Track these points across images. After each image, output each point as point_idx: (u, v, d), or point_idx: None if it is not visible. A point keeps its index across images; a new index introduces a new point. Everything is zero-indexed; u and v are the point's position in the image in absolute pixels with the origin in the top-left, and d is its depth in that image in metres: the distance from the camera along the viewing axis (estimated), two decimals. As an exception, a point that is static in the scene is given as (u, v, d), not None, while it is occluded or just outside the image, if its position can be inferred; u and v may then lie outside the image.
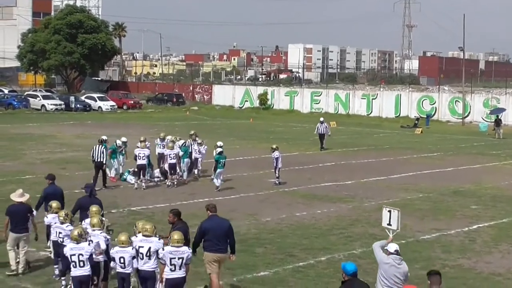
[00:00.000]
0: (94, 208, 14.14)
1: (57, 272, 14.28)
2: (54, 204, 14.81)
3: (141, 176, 24.99)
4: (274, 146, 26.66)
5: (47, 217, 14.69)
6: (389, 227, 12.72)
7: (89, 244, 12.28)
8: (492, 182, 28.37)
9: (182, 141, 27.54)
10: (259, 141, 41.34)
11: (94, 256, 12.38)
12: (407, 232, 19.11)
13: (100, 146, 25.04)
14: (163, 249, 12.12)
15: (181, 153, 26.31)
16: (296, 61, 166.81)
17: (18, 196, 15.01)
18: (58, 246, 13.71)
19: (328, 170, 30.82)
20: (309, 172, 29.90)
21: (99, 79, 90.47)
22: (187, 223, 13.93)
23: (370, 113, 65.66)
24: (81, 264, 12.02)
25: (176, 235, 12.10)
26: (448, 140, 46.41)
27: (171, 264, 11.91)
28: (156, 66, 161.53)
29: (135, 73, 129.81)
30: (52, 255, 14.63)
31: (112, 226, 14.95)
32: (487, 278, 15.21)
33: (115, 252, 12.18)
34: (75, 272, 12.06)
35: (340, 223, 20.08)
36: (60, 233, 13.82)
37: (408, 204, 23.24)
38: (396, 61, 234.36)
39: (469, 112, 60.89)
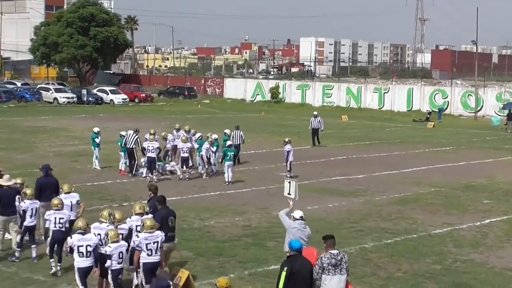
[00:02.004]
0: (65, 187, 15.49)
1: (34, 254, 14.91)
2: (28, 191, 15.27)
3: (152, 169, 25.04)
4: (286, 139, 26.65)
5: (24, 202, 15.09)
6: (289, 196, 14.48)
7: (95, 235, 12.58)
8: (505, 176, 28.23)
9: (198, 134, 27.54)
10: (271, 134, 41.32)
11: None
12: (418, 226, 19.09)
13: (134, 134, 25.98)
14: (137, 236, 12.50)
15: (196, 146, 26.32)
16: (308, 55, 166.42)
17: (6, 181, 15.81)
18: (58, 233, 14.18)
19: (340, 164, 30.76)
20: (321, 166, 29.85)
21: (111, 72, 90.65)
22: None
23: (382, 107, 65.44)
24: (88, 254, 12.33)
25: (149, 222, 12.56)
26: (460, 134, 46.21)
27: (147, 249, 12.33)
28: (168, 59, 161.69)
29: (147, 66, 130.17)
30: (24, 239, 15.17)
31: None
32: (499, 273, 15.15)
33: (114, 248, 12.20)
34: (81, 263, 12.32)
35: (351, 217, 20.05)
36: (61, 218, 14.26)
37: (420, 198, 23.18)
38: (408, 54, 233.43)
39: (482, 106, 60.56)
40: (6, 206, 15.28)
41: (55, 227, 14.12)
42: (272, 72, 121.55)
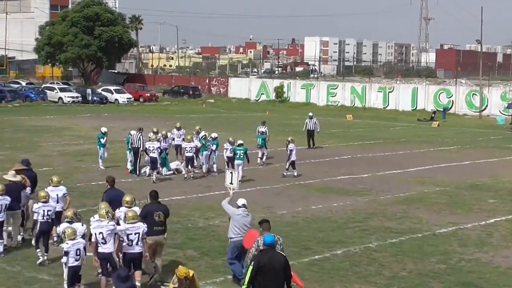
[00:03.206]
0: (54, 179, 15.88)
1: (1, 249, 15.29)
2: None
3: (154, 169, 25.12)
4: (289, 139, 26.67)
5: None
6: (230, 185, 15.37)
7: (82, 225, 13.11)
8: (510, 176, 28.16)
9: (202, 133, 27.52)
10: (275, 134, 41.09)
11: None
12: (423, 226, 19.05)
13: (138, 133, 26.06)
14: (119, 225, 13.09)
15: (199, 145, 26.29)
16: (313, 54, 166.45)
17: (11, 176, 16.22)
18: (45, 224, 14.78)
19: (344, 163, 30.74)
20: (325, 165, 29.84)
21: (116, 71, 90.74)
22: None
23: (387, 106, 65.39)
24: None
25: (130, 213, 12.95)
26: (465, 134, 46.15)
27: (128, 240, 12.67)
28: (172, 58, 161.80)
29: (152, 65, 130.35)
30: None
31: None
32: (504, 272, 15.11)
33: (71, 245, 12.34)
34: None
35: (356, 216, 20.04)
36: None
37: (425, 197, 23.15)
38: (413, 54, 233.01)
39: (486, 105, 60.48)
40: (12, 201, 15.51)
41: (43, 219, 14.71)
42: (276, 72, 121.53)
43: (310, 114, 36.68)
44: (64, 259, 12.42)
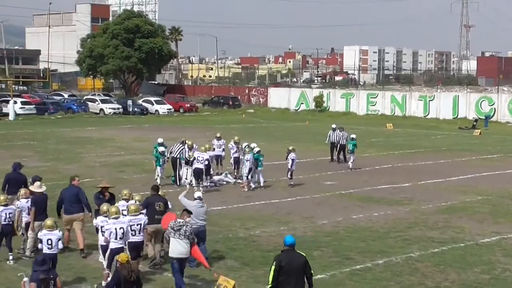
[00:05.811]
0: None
1: None
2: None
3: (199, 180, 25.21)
4: (290, 148, 26.48)
5: None
6: (186, 180, 18.48)
7: (118, 229, 13.77)
8: (555, 184, 27.64)
9: (245, 144, 27.39)
10: (315, 143, 41.14)
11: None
12: (466, 235, 18.80)
13: (181, 145, 25.87)
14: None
15: (242, 157, 26.31)
16: (352, 63, 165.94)
17: (38, 187, 16.59)
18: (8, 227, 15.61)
19: (385, 172, 30.52)
20: (366, 175, 29.66)
21: (156, 82, 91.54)
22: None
23: (427, 114, 64.75)
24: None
25: (133, 206, 14.47)
26: (508, 142, 45.45)
27: (132, 230, 14.03)
28: (212, 69, 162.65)
29: (191, 76, 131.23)
30: None
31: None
32: (550, 283, 14.84)
33: (43, 234, 13.62)
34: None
35: (397, 226, 19.87)
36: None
37: (467, 206, 22.85)
38: (453, 61, 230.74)
39: (530, 113, 59.52)
40: (40, 211, 15.89)
41: (4, 221, 15.46)
42: (316, 81, 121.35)
43: (333, 126, 34.36)
44: (39, 246, 13.77)
